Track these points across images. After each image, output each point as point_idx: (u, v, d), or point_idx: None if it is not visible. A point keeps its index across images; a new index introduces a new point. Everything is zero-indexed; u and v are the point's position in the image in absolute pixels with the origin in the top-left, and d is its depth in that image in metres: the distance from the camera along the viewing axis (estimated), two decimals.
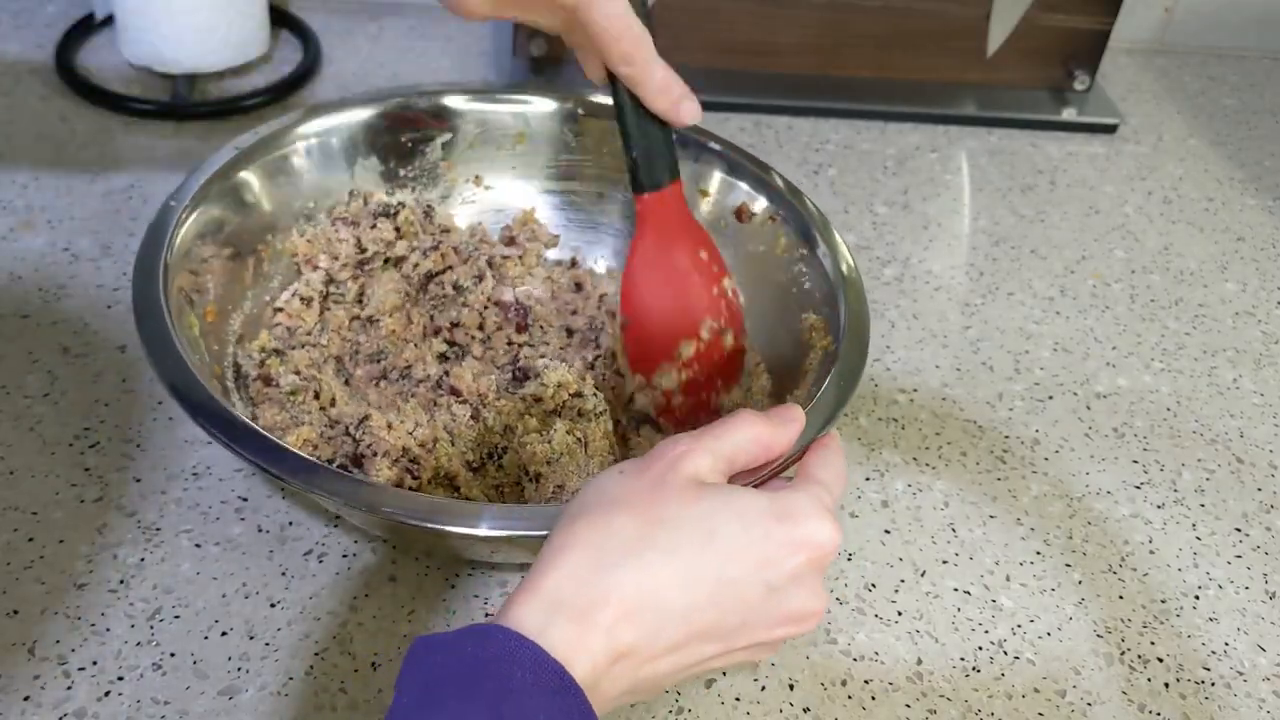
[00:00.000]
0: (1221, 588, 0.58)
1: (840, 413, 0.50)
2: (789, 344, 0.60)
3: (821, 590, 0.42)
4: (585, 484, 0.42)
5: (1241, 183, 0.90)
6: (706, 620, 0.39)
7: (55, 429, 0.59)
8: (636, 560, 0.38)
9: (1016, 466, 0.64)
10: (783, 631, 0.41)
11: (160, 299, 0.52)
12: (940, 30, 0.90)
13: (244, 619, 0.51)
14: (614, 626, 0.37)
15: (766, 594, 0.40)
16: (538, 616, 0.37)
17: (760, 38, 0.89)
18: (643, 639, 0.38)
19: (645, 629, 0.38)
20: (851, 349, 0.54)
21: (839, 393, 0.51)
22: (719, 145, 0.66)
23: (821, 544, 0.41)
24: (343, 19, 0.94)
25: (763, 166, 0.65)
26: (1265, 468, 0.65)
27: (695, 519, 0.39)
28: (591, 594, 0.37)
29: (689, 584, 0.39)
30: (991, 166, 0.88)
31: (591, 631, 0.37)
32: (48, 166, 0.76)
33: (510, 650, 0.36)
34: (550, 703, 0.35)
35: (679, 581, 0.38)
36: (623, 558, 0.38)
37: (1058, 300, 0.76)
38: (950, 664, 0.53)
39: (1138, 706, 0.52)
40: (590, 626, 0.37)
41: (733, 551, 0.39)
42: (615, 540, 0.38)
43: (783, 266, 0.62)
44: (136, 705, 0.48)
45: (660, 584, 0.38)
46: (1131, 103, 0.98)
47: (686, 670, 0.40)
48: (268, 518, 0.56)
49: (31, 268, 0.68)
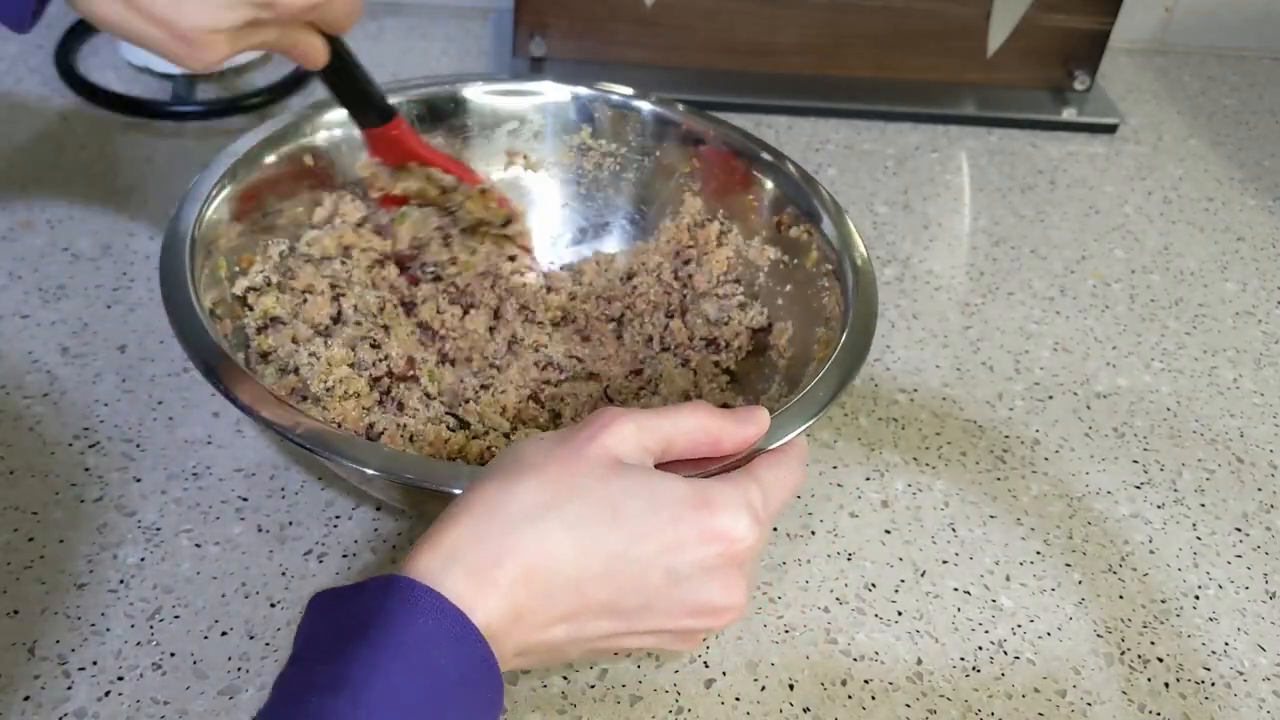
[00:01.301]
0: (1221, 588, 0.58)
1: (833, 403, 0.50)
2: (801, 359, 0.61)
3: (739, 586, 0.41)
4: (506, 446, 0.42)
5: (1241, 183, 0.90)
6: (602, 595, 0.39)
7: (55, 429, 0.59)
8: (535, 525, 0.38)
9: (1016, 466, 0.64)
10: (692, 623, 0.41)
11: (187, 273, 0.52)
12: (940, 30, 0.90)
13: (244, 619, 0.51)
14: (510, 586, 0.37)
15: (670, 580, 0.40)
16: (436, 566, 0.37)
17: (760, 38, 0.89)
18: (534, 602, 0.38)
19: (537, 593, 0.38)
20: (853, 342, 0.54)
21: (833, 385, 0.51)
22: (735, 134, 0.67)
23: (736, 538, 0.40)
24: None
25: (777, 155, 0.65)
26: (1265, 468, 0.65)
27: (604, 494, 0.39)
28: (489, 552, 0.38)
29: (586, 556, 0.39)
30: (991, 166, 0.88)
31: (488, 586, 0.37)
32: (48, 166, 0.76)
33: (412, 597, 0.36)
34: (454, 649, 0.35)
35: (576, 552, 0.38)
36: (524, 521, 0.38)
37: (1058, 300, 0.76)
38: (950, 664, 0.53)
39: (1138, 706, 0.52)
40: (487, 582, 0.37)
41: (637, 531, 0.39)
42: (519, 503, 0.39)
43: (811, 280, 0.61)
44: (136, 705, 0.48)
45: (557, 552, 0.38)
46: (1131, 103, 0.98)
47: (586, 643, 0.40)
48: (268, 517, 0.56)
49: (31, 268, 0.68)
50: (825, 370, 0.52)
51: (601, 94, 0.68)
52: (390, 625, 0.35)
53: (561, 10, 0.87)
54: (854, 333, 0.54)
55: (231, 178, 0.58)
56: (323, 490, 0.57)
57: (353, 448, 0.46)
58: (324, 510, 0.56)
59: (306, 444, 0.46)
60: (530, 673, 0.50)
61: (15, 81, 0.83)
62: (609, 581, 0.39)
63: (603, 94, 0.68)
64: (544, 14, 0.87)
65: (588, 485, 0.39)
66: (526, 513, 0.39)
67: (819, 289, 0.60)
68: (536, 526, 0.38)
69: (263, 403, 0.47)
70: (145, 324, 0.65)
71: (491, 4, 0.97)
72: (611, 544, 0.39)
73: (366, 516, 0.56)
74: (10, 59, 0.85)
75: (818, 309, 0.59)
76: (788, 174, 0.63)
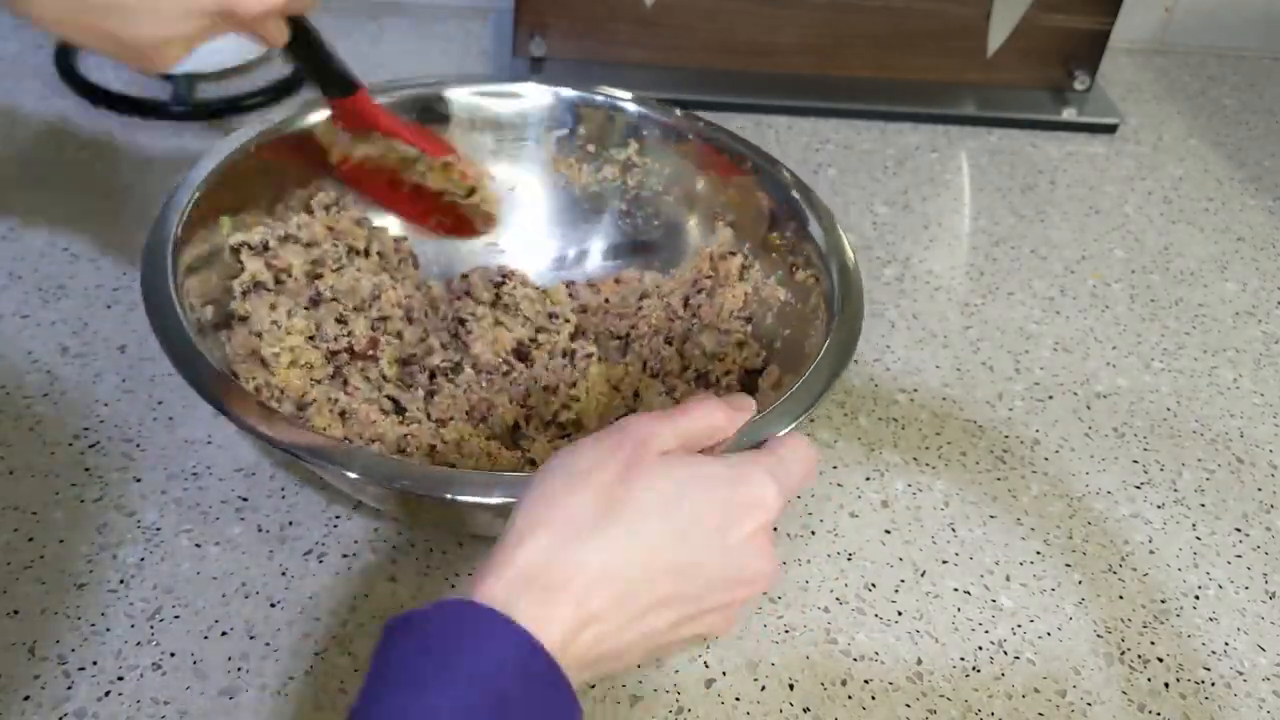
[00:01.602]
0: (1221, 588, 0.58)
1: (817, 404, 0.50)
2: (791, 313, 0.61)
3: (771, 550, 0.43)
4: (553, 457, 0.42)
5: (1241, 183, 0.90)
6: (669, 587, 0.40)
7: (55, 429, 0.59)
8: (601, 536, 0.39)
9: (1016, 466, 0.64)
10: (739, 593, 0.42)
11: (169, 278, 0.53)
12: (940, 30, 0.90)
13: (244, 619, 0.51)
14: (582, 598, 0.38)
15: (723, 555, 0.41)
16: (506, 592, 0.38)
17: (760, 38, 0.89)
18: (609, 608, 0.39)
19: (609, 601, 0.39)
20: (839, 342, 0.54)
21: (815, 386, 0.51)
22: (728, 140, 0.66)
23: (768, 504, 0.42)
24: (343, 19, 0.93)
25: (770, 160, 0.65)
26: (1265, 468, 0.65)
27: (658, 492, 0.40)
28: (558, 570, 0.38)
29: (651, 554, 0.40)
30: (991, 166, 0.88)
31: (560, 604, 0.38)
32: (48, 166, 0.76)
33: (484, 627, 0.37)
34: (524, 675, 0.36)
35: (642, 553, 0.40)
36: (589, 534, 0.39)
37: (1058, 300, 0.76)
38: (950, 664, 0.53)
39: (1138, 706, 0.52)
40: (557, 601, 0.38)
41: (692, 516, 0.41)
42: (581, 518, 0.39)
43: (806, 321, 0.60)
44: (136, 705, 0.48)
45: (625, 556, 0.39)
46: (1131, 103, 0.98)
47: (650, 640, 0.41)
48: (268, 517, 0.56)
49: (31, 268, 0.68)
50: (811, 370, 0.52)
51: (649, 111, 0.67)
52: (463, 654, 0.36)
53: (561, 10, 0.87)
54: (840, 333, 0.54)
55: (212, 184, 0.58)
56: (323, 490, 0.57)
57: (335, 454, 0.46)
58: (324, 510, 0.56)
59: (291, 450, 0.46)
60: None
61: (15, 81, 0.83)
62: (674, 570, 0.40)
63: (650, 112, 0.67)
64: (544, 14, 0.87)
65: (641, 487, 0.40)
66: (590, 524, 0.39)
67: (810, 331, 0.59)
68: (601, 538, 0.39)
69: (247, 410, 0.47)
70: (145, 324, 0.64)
71: (491, 4, 0.97)
72: (671, 536, 0.40)
73: (366, 516, 0.56)
74: (10, 59, 0.85)
75: (807, 352, 0.58)
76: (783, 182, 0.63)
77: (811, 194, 0.62)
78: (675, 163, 0.67)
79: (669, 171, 0.67)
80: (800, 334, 0.59)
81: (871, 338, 0.70)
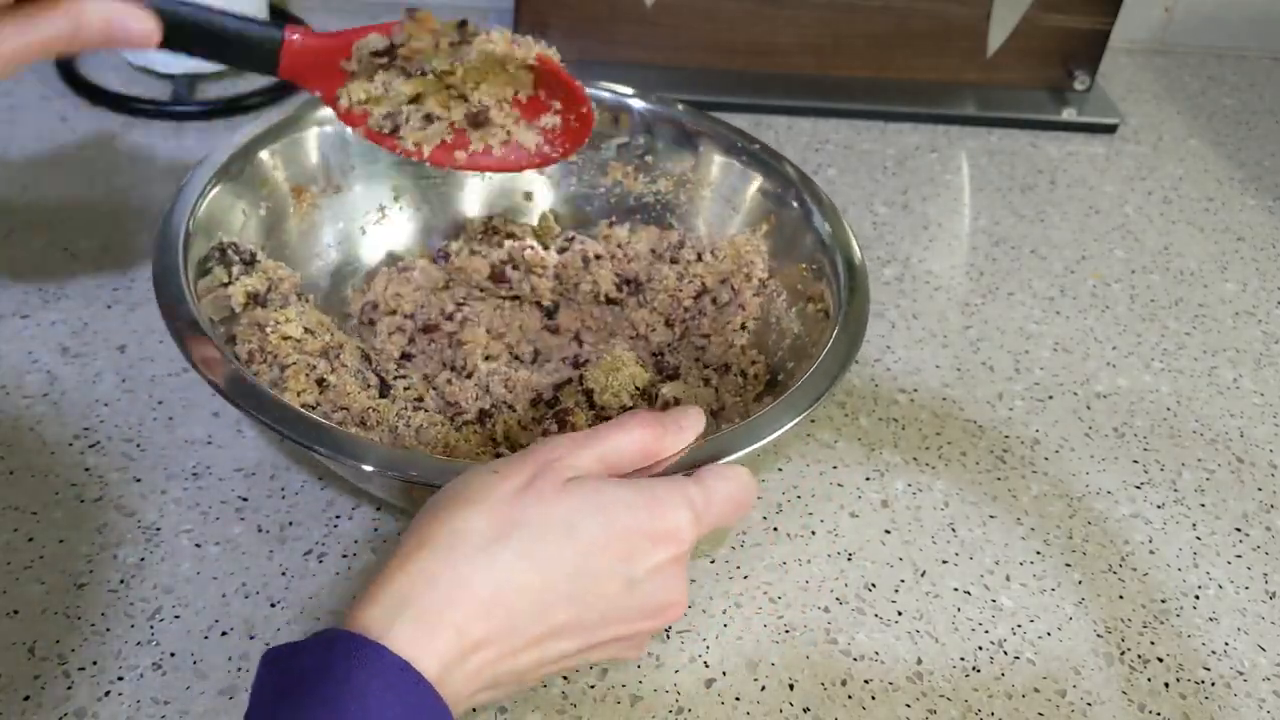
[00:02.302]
0: (1222, 588, 0.58)
1: (818, 404, 0.50)
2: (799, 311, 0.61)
3: (683, 583, 0.41)
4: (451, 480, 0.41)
5: (1241, 183, 0.90)
6: (565, 616, 0.39)
7: (55, 429, 0.59)
8: (488, 558, 0.38)
9: (1016, 466, 0.64)
10: (644, 625, 0.41)
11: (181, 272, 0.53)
12: (940, 30, 0.90)
13: (244, 619, 0.51)
14: (464, 624, 0.37)
15: (626, 587, 0.40)
16: (383, 617, 0.36)
17: (760, 38, 0.89)
18: (496, 634, 0.37)
19: (499, 625, 0.37)
20: (843, 340, 0.54)
21: (817, 385, 0.51)
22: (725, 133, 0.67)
23: (681, 537, 0.40)
24: (343, 19, 0.93)
25: (774, 155, 0.65)
26: (1265, 467, 0.65)
27: (556, 515, 0.39)
28: (440, 593, 0.37)
29: (546, 578, 0.38)
30: (991, 166, 0.88)
31: (439, 629, 0.36)
32: (48, 166, 0.76)
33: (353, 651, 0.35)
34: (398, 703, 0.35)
35: (536, 578, 0.38)
36: (475, 555, 0.38)
37: (1058, 300, 0.76)
38: (950, 664, 0.53)
39: (1138, 706, 0.52)
40: (438, 625, 0.36)
41: (593, 545, 0.39)
42: (469, 540, 0.38)
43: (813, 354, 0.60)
44: (136, 705, 0.48)
45: (517, 580, 0.38)
46: (1131, 103, 0.98)
47: (550, 665, 0.40)
48: (268, 518, 0.56)
49: (31, 268, 0.68)
50: (813, 370, 0.52)
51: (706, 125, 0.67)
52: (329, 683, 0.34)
53: (561, 10, 0.87)
54: (845, 332, 0.54)
55: (225, 173, 0.58)
56: (323, 490, 0.57)
57: (351, 445, 0.47)
58: (324, 510, 0.56)
59: (302, 440, 0.46)
60: None
61: (15, 81, 0.83)
62: (571, 600, 0.39)
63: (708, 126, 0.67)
64: (544, 14, 0.87)
65: (537, 511, 0.39)
66: (477, 546, 0.38)
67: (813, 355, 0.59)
68: (489, 559, 0.38)
69: (258, 401, 0.47)
70: (145, 324, 0.65)
71: (491, 4, 0.97)
72: (569, 562, 0.39)
73: (366, 516, 0.56)
74: None
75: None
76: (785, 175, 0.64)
77: (840, 218, 0.62)
78: (726, 182, 0.67)
79: (719, 186, 0.67)
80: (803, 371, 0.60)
81: (871, 338, 0.71)
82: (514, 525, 0.38)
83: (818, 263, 0.60)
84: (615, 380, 0.57)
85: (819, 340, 0.57)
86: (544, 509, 0.39)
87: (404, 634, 0.36)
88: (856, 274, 0.58)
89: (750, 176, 0.66)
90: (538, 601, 0.38)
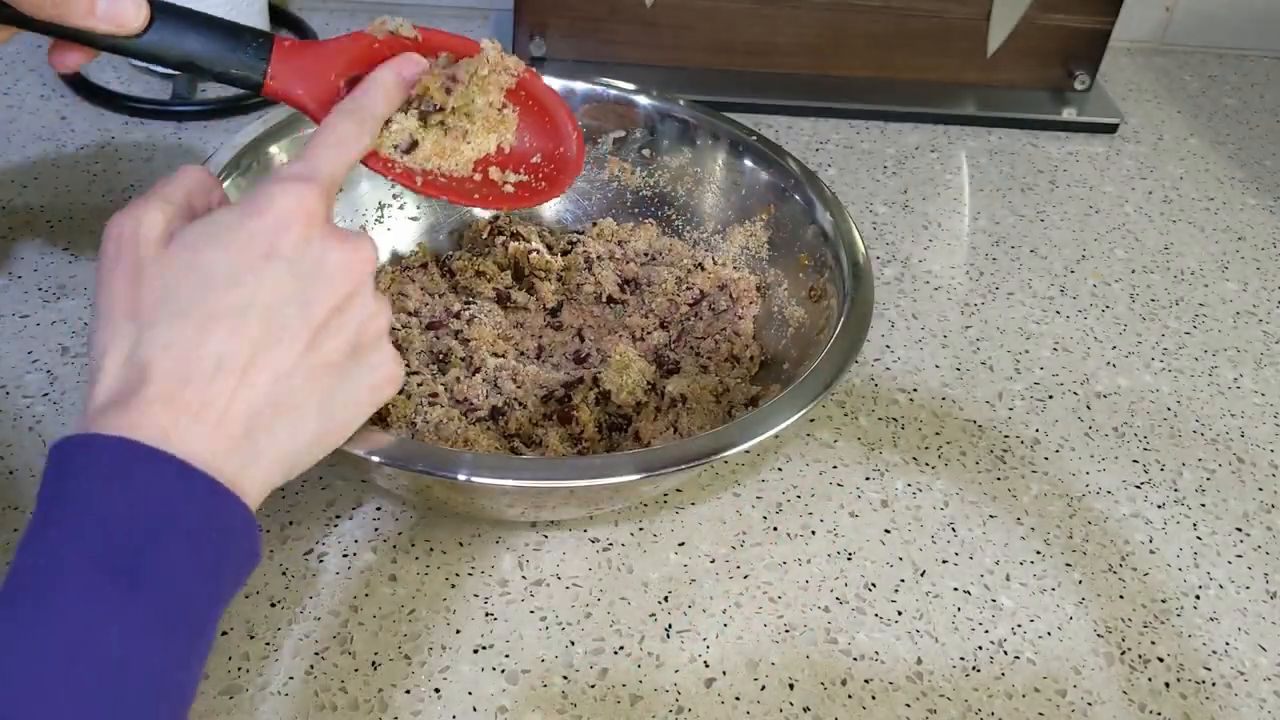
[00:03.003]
0: (1222, 587, 0.58)
1: (823, 398, 0.51)
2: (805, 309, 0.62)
3: (340, 249, 0.40)
4: None
5: (1241, 182, 0.90)
6: (258, 323, 0.38)
7: (55, 429, 0.59)
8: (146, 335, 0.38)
9: (1016, 466, 0.63)
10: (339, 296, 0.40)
11: None
12: (940, 30, 0.90)
13: (244, 619, 0.51)
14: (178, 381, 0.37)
15: (291, 272, 0.39)
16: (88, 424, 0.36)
17: (760, 38, 0.89)
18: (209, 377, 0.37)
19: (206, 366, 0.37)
20: (847, 335, 0.54)
21: (822, 380, 0.51)
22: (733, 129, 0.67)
23: (293, 211, 0.39)
24: (343, 18, 0.94)
25: (778, 151, 0.66)
26: (1266, 467, 0.65)
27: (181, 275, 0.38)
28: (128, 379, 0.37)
29: (218, 300, 0.38)
30: (991, 166, 0.88)
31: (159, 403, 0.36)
32: (48, 166, 0.76)
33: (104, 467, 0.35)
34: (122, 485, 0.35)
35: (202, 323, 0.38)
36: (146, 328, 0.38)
37: (1058, 300, 0.76)
38: (950, 664, 0.53)
39: (1138, 706, 0.52)
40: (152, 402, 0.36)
41: (230, 272, 0.38)
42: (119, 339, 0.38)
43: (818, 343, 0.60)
44: None
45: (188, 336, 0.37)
46: (1131, 102, 0.98)
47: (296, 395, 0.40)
48: (268, 518, 0.56)
49: (31, 268, 0.68)
50: (817, 364, 0.52)
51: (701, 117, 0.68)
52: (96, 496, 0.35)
53: (561, 10, 0.87)
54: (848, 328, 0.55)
55: (234, 168, 0.58)
56: (323, 490, 0.57)
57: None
58: (324, 510, 0.56)
59: None
60: (530, 672, 0.50)
61: (15, 81, 0.83)
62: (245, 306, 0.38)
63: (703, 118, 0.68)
64: (544, 14, 0.87)
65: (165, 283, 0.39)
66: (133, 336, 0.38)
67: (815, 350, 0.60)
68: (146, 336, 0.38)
69: None
70: None
71: (491, 4, 0.97)
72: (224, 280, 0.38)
73: (367, 516, 0.56)
74: (10, 59, 0.85)
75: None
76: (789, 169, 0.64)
77: (843, 210, 0.63)
78: (725, 175, 0.68)
79: (719, 180, 0.68)
80: (810, 357, 0.60)
81: (872, 338, 0.71)
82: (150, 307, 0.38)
83: (820, 255, 0.61)
84: (629, 379, 0.58)
85: (823, 328, 0.57)
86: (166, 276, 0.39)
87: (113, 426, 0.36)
88: (860, 269, 0.58)
89: (750, 170, 0.66)
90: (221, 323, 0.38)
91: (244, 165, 0.59)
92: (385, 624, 0.52)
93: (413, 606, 0.53)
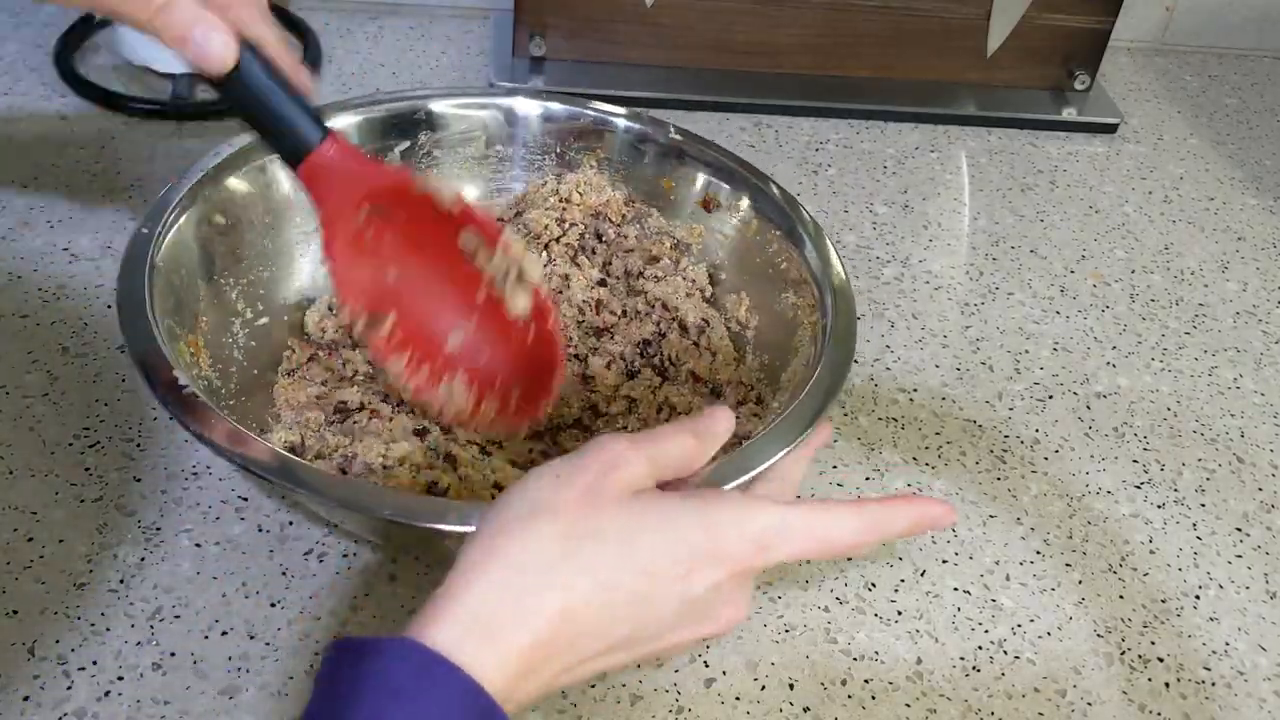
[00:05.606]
0: (1222, 587, 0.58)
1: (817, 421, 0.50)
2: (775, 324, 0.62)
3: (744, 598, 0.41)
4: (512, 485, 0.41)
5: (1241, 182, 0.90)
6: (623, 631, 0.39)
7: (55, 429, 0.59)
8: (557, 576, 0.38)
9: (1016, 466, 0.63)
10: (701, 632, 0.41)
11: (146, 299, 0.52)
12: (940, 30, 0.90)
13: (244, 619, 0.51)
14: (534, 644, 0.37)
15: (683, 605, 0.40)
16: (454, 633, 0.36)
17: (760, 38, 0.89)
18: (560, 651, 0.38)
19: (562, 643, 0.38)
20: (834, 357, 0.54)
21: (816, 403, 0.51)
22: (715, 155, 0.67)
23: (740, 561, 0.40)
24: (343, 19, 0.94)
25: (760, 176, 0.65)
26: (1266, 467, 0.65)
27: (621, 531, 0.39)
28: (509, 610, 0.37)
29: (608, 597, 0.38)
30: (991, 166, 0.88)
31: (509, 648, 0.37)
32: (48, 166, 0.76)
33: (428, 666, 0.35)
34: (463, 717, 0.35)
35: (599, 597, 0.38)
36: (545, 572, 0.38)
37: (1058, 300, 0.76)
38: (950, 664, 0.53)
39: (1138, 706, 0.52)
40: (508, 644, 0.37)
41: (655, 566, 0.39)
42: (538, 557, 0.38)
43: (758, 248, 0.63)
44: (136, 705, 0.48)
45: (582, 599, 0.38)
46: (1131, 102, 0.98)
47: (598, 672, 0.40)
48: (268, 517, 0.56)
49: (31, 268, 0.68)
50: (807, 390, 0.52)
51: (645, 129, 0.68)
52: (411, 696, 0.35)
53: (561, 10, 0.87)
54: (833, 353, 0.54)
55: (192, 200, 0.57)
56: None
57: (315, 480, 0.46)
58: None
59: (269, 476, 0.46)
60: None
61: (15, 81, 0.83)
62: (630, 620, 0.39)
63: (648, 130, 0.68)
64: (544, 14, 0.87)
65: (604, 526, 0.39)
66: (548, 564, 0.38)
67: (791, 359, 0.60)
68: (558, 577, 0.38)
69: (222, 434, 0.47)
70: None
71: (491, 4, 0.97)
72: (631, 583, 0.39)
73: None
74: (10, 59, 0.85)
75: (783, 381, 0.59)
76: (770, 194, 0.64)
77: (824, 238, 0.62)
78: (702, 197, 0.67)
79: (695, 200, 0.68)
80: (782, 362, 0.60)
81: (871, 338, 0.71)
82: (580, 538, 0.38)
83: (805, 284, 0.60)
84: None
85: (798, 337, 0.58)
86: (609, 523, 0.39)
87: (475, 653, 0.36)
88: (840, 295, 0.57)
89: (723, 188, 0.66)
90: (597, 620, 0.38)
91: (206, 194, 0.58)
92: (385, 624, 0.52)
93: (413, 606, 0.53)
